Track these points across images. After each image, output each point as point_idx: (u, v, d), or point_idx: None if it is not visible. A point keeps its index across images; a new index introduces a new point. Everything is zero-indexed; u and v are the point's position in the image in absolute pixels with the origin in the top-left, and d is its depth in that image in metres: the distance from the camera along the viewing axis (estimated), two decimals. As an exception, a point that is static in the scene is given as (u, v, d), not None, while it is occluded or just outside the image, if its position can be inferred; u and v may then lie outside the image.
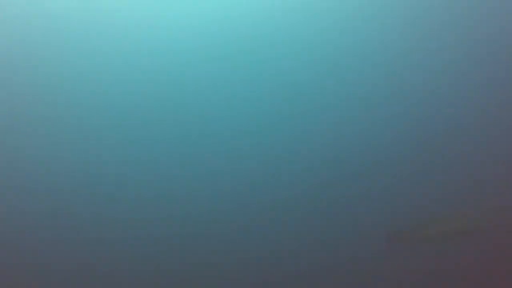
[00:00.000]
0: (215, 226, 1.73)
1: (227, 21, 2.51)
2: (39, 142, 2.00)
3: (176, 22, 2.50)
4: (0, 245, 1.69)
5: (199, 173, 1.89)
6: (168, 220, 1.75)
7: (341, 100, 2.14)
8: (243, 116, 2.09)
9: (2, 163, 1.93)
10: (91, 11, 2.56)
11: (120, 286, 1.58)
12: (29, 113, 2.12)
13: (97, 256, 1.66)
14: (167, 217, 1.76)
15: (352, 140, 1.99)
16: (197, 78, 2.26)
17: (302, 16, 2.53)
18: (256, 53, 2.35)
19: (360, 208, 1.77)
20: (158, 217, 1.76)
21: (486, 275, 1.57)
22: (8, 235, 1.71)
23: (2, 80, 2.26)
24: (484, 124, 2.03)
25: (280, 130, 2.03)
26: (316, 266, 1.61)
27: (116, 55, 2.36)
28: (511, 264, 1.59)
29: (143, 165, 1.92)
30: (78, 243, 1.70)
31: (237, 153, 1.95)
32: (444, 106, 2.10)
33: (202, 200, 1.81)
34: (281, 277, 1.59)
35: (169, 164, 1.92)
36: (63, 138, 2.02)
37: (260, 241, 1.69)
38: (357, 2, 2.58)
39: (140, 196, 1.82)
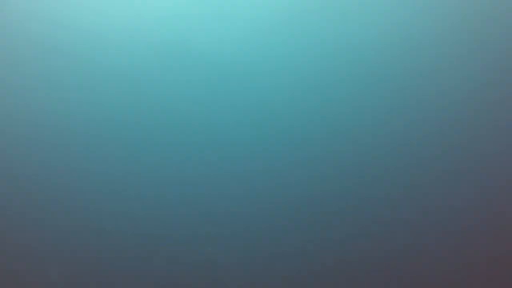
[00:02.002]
0: (216, 229, 1.73)
1: (227, 21, 2.50)
2: (37, 144, 2.00)
3: (177, 22, 2.50)
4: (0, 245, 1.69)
5: (202, 177, 1.89)
6: (169, 223, 1.75)
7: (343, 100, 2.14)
8: (244, 116, 2.09)
9: (2, 165, 1.93)
10: (89, 11, 2.56)
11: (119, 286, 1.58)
12: (28, 114, 2.12)
13: (96, 259, 1.66)
14: (168, 221, 1.76)
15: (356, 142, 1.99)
16: (197, 80, 2.26)
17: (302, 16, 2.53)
18: (256, 53, 2.35)
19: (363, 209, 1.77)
20: (159, 220, 1.76)
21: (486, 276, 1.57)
22: (7, 235, 1.71)
23: (2, 80, 2.26)
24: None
25: (283, 131, 2.03)
26: (318, 268, 1.61)
27: (114, 57, 2.35)
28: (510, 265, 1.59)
29: (145, 167, 1.92)
30: (77, 246, 1.70)
31: (237, 155, 1.95)
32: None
33: (205, 204, 1.80)
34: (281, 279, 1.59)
35: (172, 168, 1.92)
36: (62, 140, 2.02)
37: (261, 243, 1.69)
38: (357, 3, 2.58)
39: (140, 198, 1.82)
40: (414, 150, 1.93)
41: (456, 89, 2.17)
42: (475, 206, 1.75)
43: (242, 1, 2.58)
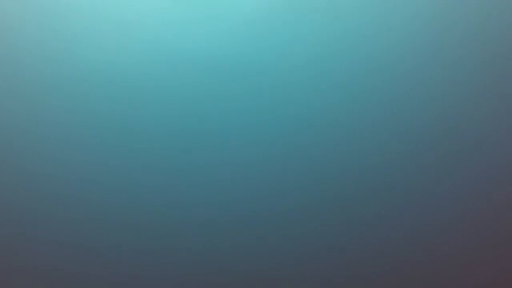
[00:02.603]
0: (216, 229, 1.73)
1: (227, 21, 2.50)
2: (38, 144, 2.00)
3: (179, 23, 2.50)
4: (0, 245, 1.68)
5: (204, 179, 1.89)
6: (168, 223, 1.75)
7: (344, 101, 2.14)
8: (244, 116, 2.08)
9: (3, 164, 1.93)
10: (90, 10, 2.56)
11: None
12: (29, 113, 2.12)
13: (96, 261, 1.65)
14: (167, 220, 1.75)
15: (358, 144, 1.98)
16: (198, 81, 2.26)
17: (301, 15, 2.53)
18: (257, 56, 2.35)
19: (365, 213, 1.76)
20: (158, 219, 1.76)
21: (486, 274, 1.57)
22: (7, 236, 1.71)
23: (3, 79, 2.25)
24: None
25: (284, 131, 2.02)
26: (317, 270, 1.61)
27: (117, 56, 2.35)
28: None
29: (146, 167, 1.92)
30: (77, 247, 1.69)
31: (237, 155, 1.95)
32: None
33: (207, 207, 1.80)
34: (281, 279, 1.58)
35: (175, 169, 1.92)
36: (63, 140, 2.02)
37: (261, 246, 1.69)
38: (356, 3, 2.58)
39: (142, 200, 1.82)
40: (414, 149, 1.93)
41: (456, 89, 2.17)
42: (475, 206, 1.75)
43: (240, 0, 2.58)
